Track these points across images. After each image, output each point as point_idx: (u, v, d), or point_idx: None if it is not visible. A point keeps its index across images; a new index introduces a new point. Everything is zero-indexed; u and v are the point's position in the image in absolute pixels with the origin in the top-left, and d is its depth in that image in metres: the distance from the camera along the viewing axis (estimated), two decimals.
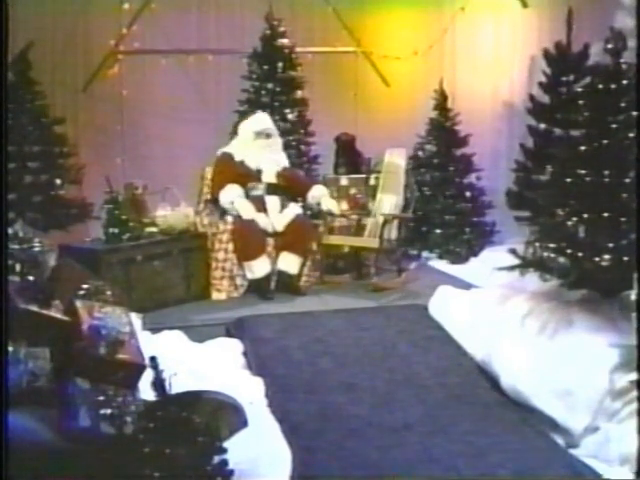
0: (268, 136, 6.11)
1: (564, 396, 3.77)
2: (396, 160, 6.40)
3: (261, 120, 6.20)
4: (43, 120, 6.53)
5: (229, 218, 5.76)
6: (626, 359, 3.77)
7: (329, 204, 6.09)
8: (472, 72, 8.12)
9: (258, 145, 6.04)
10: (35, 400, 2.82)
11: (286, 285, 5.78)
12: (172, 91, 7.83)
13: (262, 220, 5.76)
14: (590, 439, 3.65)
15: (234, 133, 6.26)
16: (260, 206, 5.86)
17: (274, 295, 5.68)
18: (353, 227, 6.32)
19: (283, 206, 5.94)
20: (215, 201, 5.94)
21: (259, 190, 5.95)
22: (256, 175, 5.99)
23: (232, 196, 5.84)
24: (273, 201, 5.93)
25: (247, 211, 5.79)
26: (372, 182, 6.51)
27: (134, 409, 2.89)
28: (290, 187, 6.08)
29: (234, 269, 5.67)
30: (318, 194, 6.13)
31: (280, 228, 5.79)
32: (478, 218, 7.17)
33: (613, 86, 4.26)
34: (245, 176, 5.95)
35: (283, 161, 6.21)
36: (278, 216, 5.86)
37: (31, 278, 3.21)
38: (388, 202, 6.26)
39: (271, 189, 5.99)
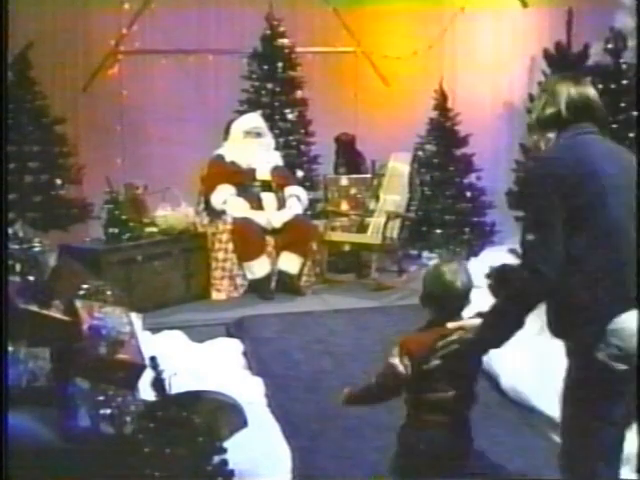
0: (258, 135, 6.10)
1: None
2: (400, 164, 6.42)
3: (250, 119, 6.20)
4: (43, 120, 6.54)
5: (228, 218, 5.75)
6: None
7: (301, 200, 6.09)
8: (472, 72, 8.11)
9: (248, 144, 6.03)
10: (35, 400, 2.81)
11: (286, 285, 5.78)
12: (172, 91, 7.83)
13: (258, 217, 5.76)
14: None
15: (226, 134, 6.25)
16: (256, 203, 5.86)
17: (274, 295, 5.69)
18: (355, 226, 6.34)
19: (280, 204, 5.94)
20: (208, 204, 5.93)
21: (254, 188, 5.95)
22: (249, 173, 5.98)
23: (224, 196, 5.84)
24: (269, 198, 5.93)
25: (239, 208, 5.78)
26: (376, 183, 6.52)
27: (134, 409, 2.89)
28: (277, 185, 6.08)
29: (234, 269, 5.67)
30: (295, 192, 6.11)
31: (278, 225, 5.79)
32: (478, 218, 7.17)
33: (613, 86, 4.26)
34: (238, 175, 5.94)
35: (275, 160, 6.19)
36: (275, 213, 5.86)
37: (31, 278, 3.20)
38: (392, 202, 6.27)
39: (266, 186, 5.99)
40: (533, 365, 3.98)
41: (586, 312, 2.32)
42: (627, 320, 2.28)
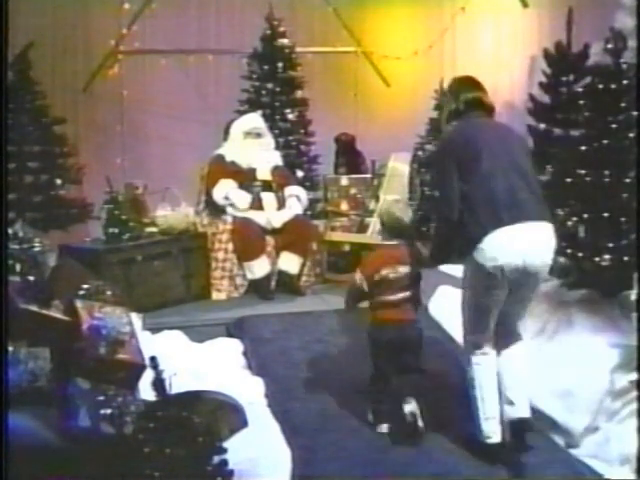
0: (258, 135, 6.07)
1: (564, 396, 3.77)
2: (400, 164, 6.42)
3: (250, 120, 6.18)
4: (43, 120, 6.53)
5: (228, 218, 5.75)
6: (626, 359, 3.78)
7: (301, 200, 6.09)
8: (472, 72, 8.08)
9: (248, 144, 6.00)
10: (35, 400, 2.82)
11: (286, 285, 5.78)
12: (172, 91, 7.84)
13: (258, 217, 5.75)
14: (590, 439, 3.65)
15: (226, 134, 6.24)
16: (256, 203, 5.85)
17: (274, 295, 5.68)
18: (355, 226, 6.34)
19: (280, 204, 5.94)
20: (211, 200, 5.91)
21: (254, 188, 5.94)
22: (249, 173, 5.96)
23: (225, 189, 5.82)
24: (269, 198, 5.93)
25: (243, 200, 5.77)
26: (376, 183, 6.53)
27: (134, 409, 2.89)
28: (278, 185, 6.08)
29: (234, 269, 5.67)
30: (295, 192, 6.11)
31: (278, 225, 5.78)
32: None
33: (613, 86, 4.26)
34: (238, 175, 5.91)
35: (275, 160, 6.18)
36: (275, 213, 5.85)
37: (31, 278, 3.21)
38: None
39: (266, 186, 5.98)
40: (533, 365, 3.98)
41: (470, 232, 3.31)
42: (494, 237, 3.23)
